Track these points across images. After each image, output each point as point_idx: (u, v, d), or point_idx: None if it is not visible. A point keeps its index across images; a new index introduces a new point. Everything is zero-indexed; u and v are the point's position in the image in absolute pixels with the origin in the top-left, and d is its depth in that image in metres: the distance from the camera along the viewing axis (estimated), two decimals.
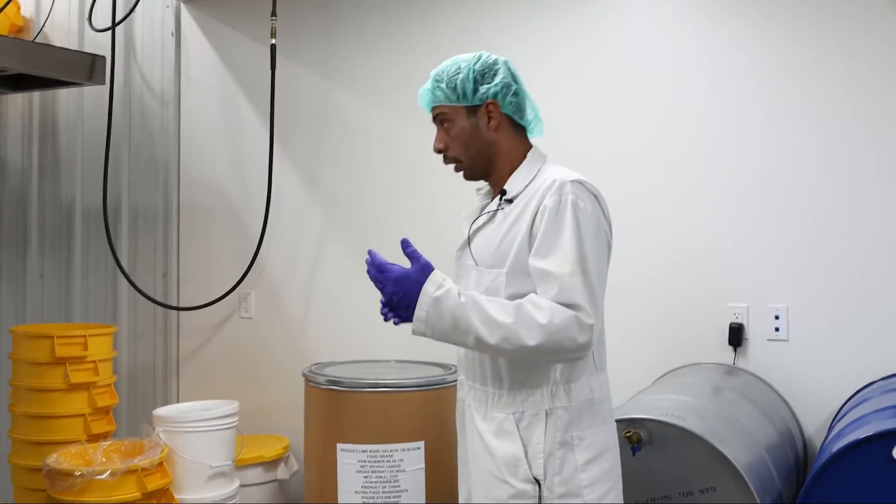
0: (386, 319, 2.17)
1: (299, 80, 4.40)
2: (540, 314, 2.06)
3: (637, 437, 2.55)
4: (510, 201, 2.27)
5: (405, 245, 2.18)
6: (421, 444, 3.54)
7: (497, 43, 3.92)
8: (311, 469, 3.74)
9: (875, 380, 3.27)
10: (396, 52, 4.16)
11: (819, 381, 3.38)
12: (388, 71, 4.17)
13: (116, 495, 3.44)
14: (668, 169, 3.64)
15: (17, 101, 4.95)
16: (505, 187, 2.29)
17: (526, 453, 2.17)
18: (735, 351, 3.50)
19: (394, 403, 3.56)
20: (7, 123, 5.00)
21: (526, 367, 2.19)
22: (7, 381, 4.02)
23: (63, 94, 4.83)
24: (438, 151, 2.35)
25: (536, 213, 2.18)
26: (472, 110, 2.31)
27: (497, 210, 2.29)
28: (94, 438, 3.81)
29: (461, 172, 2.36)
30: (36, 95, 4.87)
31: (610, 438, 2.25)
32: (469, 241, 2.33)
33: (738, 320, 3.49)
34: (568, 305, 2.06)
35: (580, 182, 2.22)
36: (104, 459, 3.60)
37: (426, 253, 2.16)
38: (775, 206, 3.47)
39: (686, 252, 3.59)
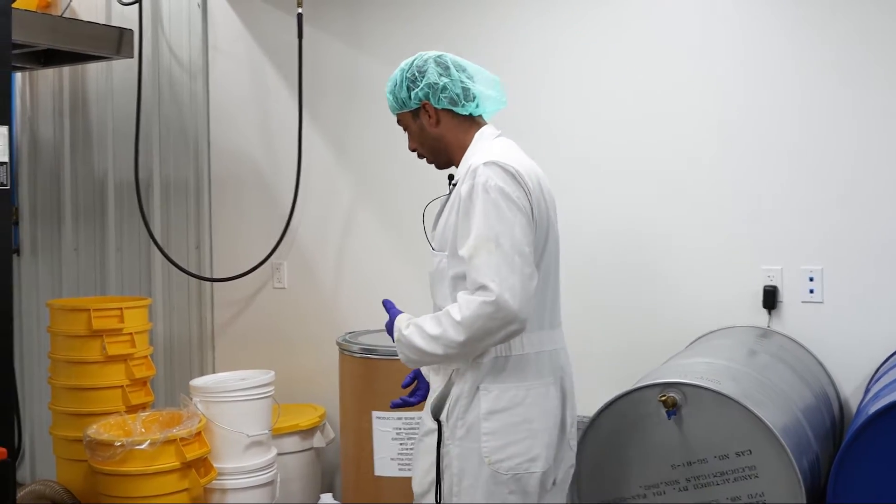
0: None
1: (327, 48, 4.39)
2: (455, 311, 2.28)
3: (672, 401, 2.55)
4: (456, 185, 2.47)
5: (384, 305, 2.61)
6: None
7: (527, 6, 3.89)
8: (347, 437, 3.77)
9: None
10: (423, 18, 4.14)
11: (855, 343, 3.35)
12: (415, 38, 4.13)
13: (156, 465, 3.49)
14: (700, 129, 3.59)
15: (47, 77, 4.98)
16: (452, 172, 2.55)
17: (438, 399, 2.45)
18: (769, 314, 3.48)
19: None
20: (38, 98, 5.05)
21: None
22: (46, 353, 4.08)
23: (92, 68, 4.86)
24: (412, 150, 2.59)
25: (460, 200, 2.36)
26: (416, 113, 2.54)
27: (449, 195, 2.52)
28: (132, 409, 3.87)
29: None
30: (65, 70, 4.91)
31: (525, 395, 2.39)
32: (434, 226, 2.56)
33: (773, 283, 3.47)
34: (475, 287, 2.25)
35: (493, 163, 2.35)
36: (143, 430, 3.65)
37: None
38: (809, 167, 3.43)
39: (719, 215, 3.56)
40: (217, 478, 3.71)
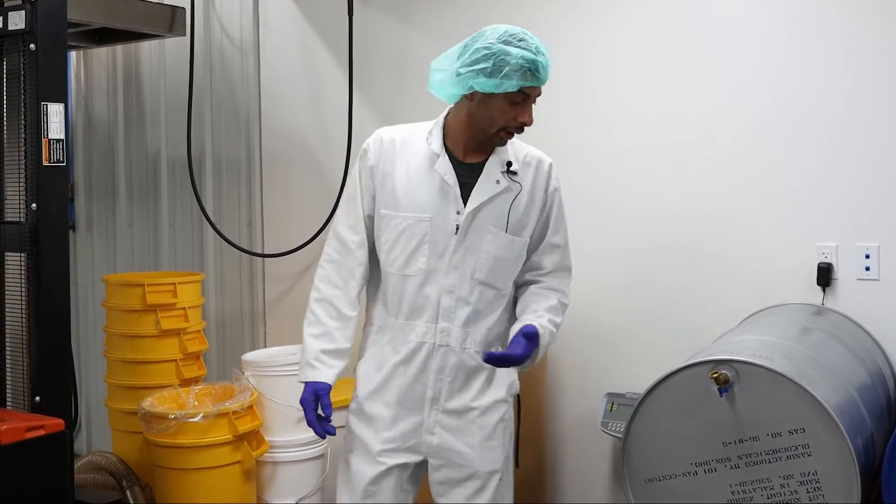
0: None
1: (376, 25, 4.38)
2: (564, 297, 2.68)
3: (724, 378, 2.53)
4: (515, 173, 2.58)
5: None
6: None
7: None
8: None
9: None
10: None
11: None
12: (465, 14, 4.12)
13: (209, 437, 3.54)
14: (748, 106, 3.54)
15: (101, 55, 5.04)
16: (510, 159, 2.59)
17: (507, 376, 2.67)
18: (824, 291, 3.43)
19: None
20: (92, 77, 5.11)
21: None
22: (101, 327, 4.15)
23: (145, 46, 4.91)
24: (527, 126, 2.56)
25: (547, 194, 2.63)
26: None
27: (507, 182, 2.59)
28: (185, 383, 3.92)
29: (505, 140, 2.59)
30: (119, 49, 4.96)
31: None
32: (479, 208, 2.56)
33: (827, 260, 3.42)
34: (566, 269, 2.70)
35: (552, 164, 2.69)
36: (196, 403, 3.70)
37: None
38: (864, 142, 3.36)
39: (773, 192, 3.51)
40: (269, 451, 3.76)
